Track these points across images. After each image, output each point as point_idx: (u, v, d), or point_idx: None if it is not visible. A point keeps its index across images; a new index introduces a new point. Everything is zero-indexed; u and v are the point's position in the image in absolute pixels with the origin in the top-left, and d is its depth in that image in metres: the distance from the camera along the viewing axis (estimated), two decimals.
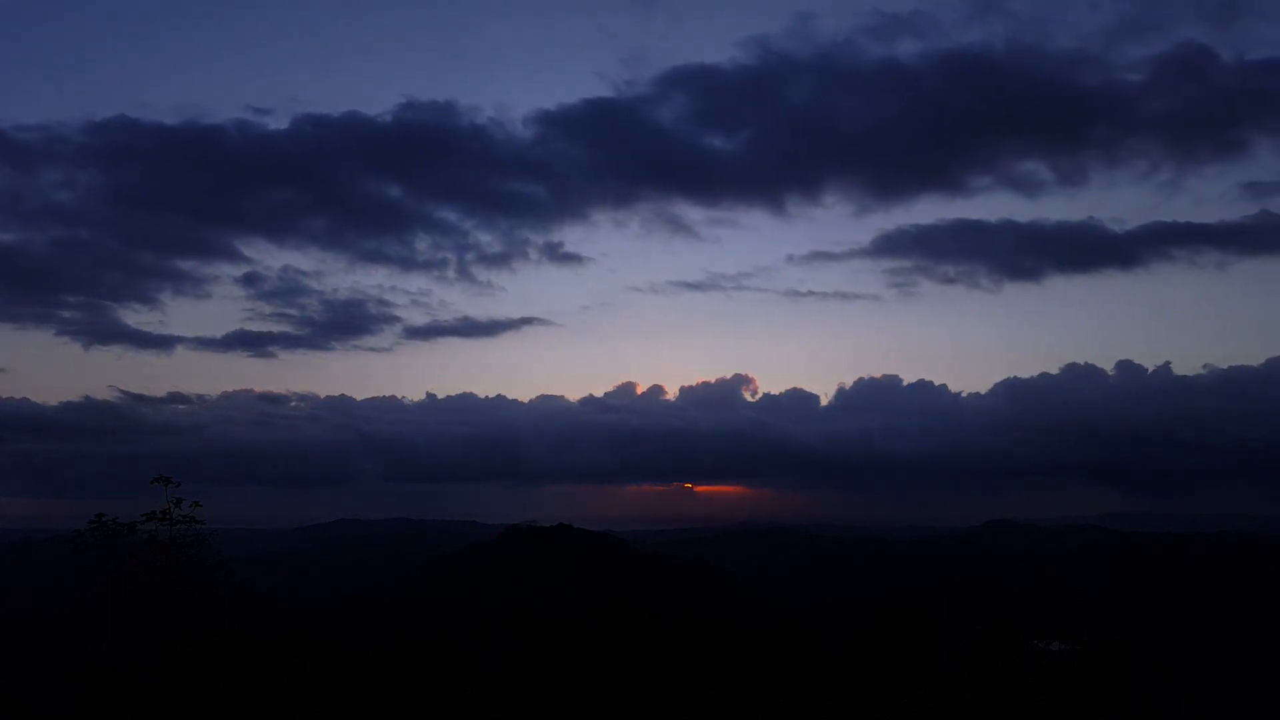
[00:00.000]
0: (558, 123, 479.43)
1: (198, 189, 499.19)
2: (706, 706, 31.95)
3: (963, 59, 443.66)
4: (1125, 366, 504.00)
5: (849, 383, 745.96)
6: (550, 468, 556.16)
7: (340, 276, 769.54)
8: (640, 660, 37.40)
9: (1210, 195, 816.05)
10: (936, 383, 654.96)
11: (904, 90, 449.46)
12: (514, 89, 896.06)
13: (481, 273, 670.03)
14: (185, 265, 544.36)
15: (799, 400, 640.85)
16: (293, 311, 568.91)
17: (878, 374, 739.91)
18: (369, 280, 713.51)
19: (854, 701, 33.33)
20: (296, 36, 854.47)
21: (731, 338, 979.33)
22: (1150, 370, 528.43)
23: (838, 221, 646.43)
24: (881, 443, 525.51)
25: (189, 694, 22.59)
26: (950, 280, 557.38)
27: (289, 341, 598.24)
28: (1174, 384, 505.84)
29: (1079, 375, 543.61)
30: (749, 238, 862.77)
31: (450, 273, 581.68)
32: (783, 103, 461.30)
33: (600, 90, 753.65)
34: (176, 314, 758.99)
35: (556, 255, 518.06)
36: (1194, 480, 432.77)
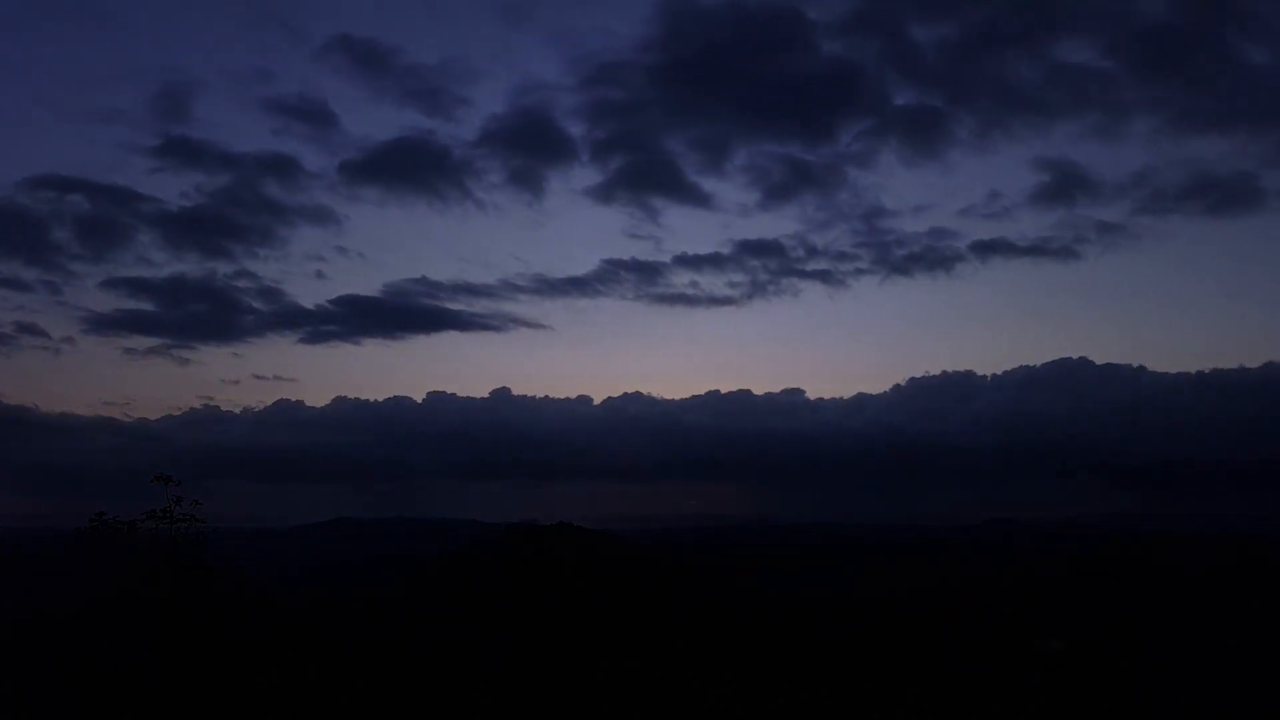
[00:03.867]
0: None
1: None
2: (707, 706, 31.92)
3: None
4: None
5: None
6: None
7: None
8: (640, 660, 37.35)
9: None
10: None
11: None
12: None
13: None
14: None
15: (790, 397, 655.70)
16: None
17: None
18: None
19: (856, 700, 33.32)
20: None
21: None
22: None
23: None
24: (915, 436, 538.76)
25: (188, 693, 22.55)
26: None
27: None
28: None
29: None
30: None
31: None
32: None
33: None
34: None
35: None
36: (1194, 480, 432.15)
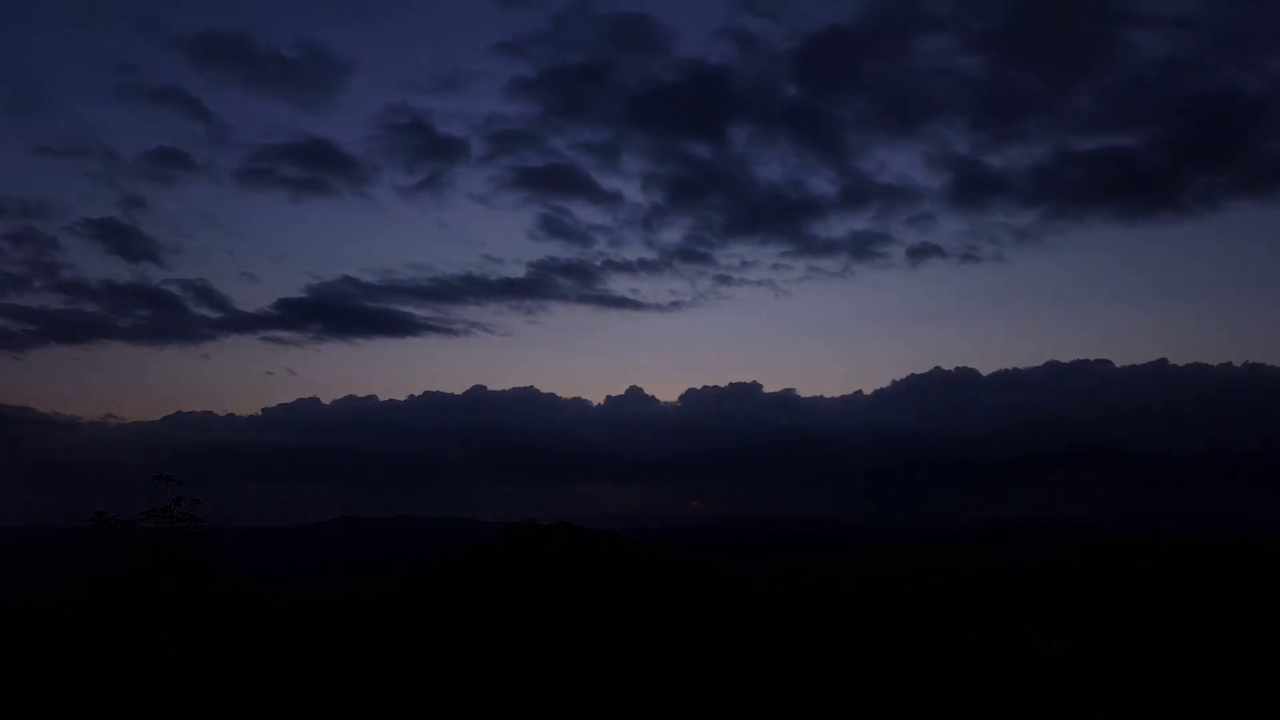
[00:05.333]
0: None
1: None
2: (708, 706, 31.86)
3: None
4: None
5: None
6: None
7: None
8: (641, 659, 37.31)
9: None
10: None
11: None
12: None
13: None
14: None
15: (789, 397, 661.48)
16: None
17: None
18: None
19: (857, 698, 33.26)
20: None
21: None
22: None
23: None
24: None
25: (187, 692, 22.50)
26: None
27: None
28: None
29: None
30: None
31: None
32: None
33: None
34: None
35: None
36: (1194, 479, 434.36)
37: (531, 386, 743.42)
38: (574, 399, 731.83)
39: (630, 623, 58.64)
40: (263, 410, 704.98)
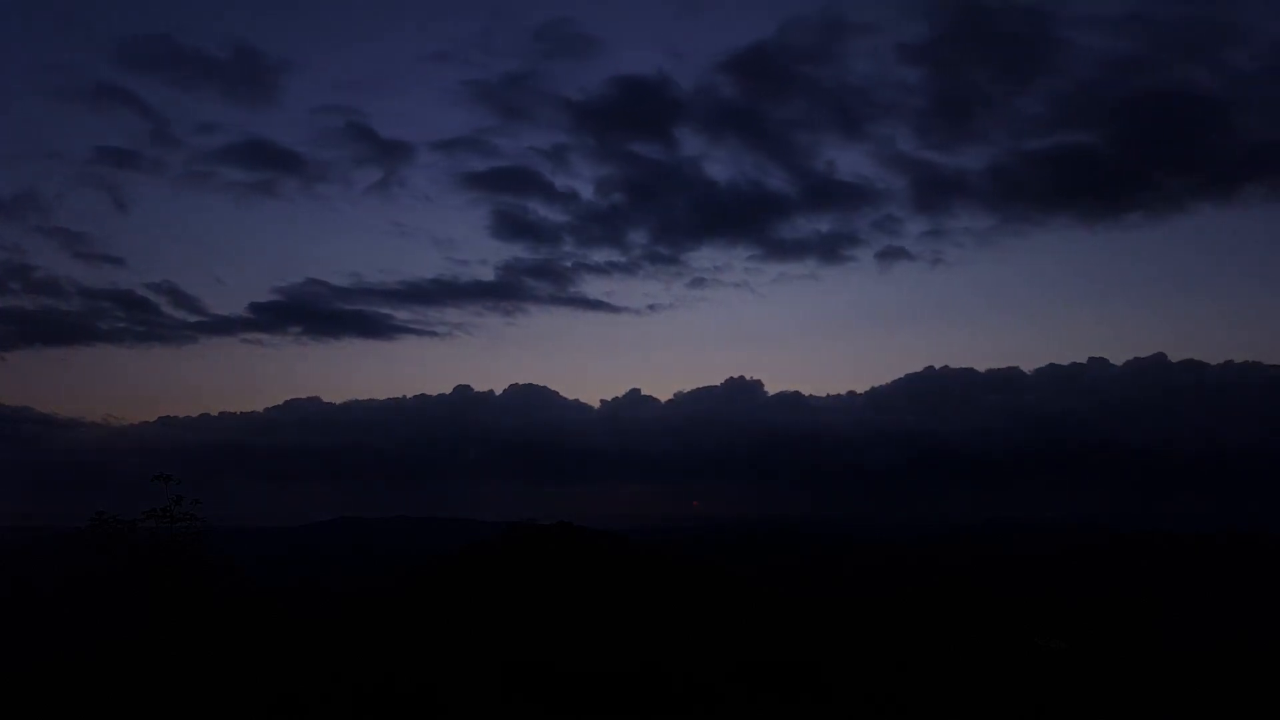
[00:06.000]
0: None
1: None
2: (709, 706, 31.84)
3: None
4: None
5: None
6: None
7: None
8: (640, 660, 37.25)
9: None
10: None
11: None
12: None
13: None
14: None
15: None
16: None
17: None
18: None
19: (858, 698, 33.25)
20: None
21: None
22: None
23: None
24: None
25: (187, 692, 22.50)
26: None
27: None
28: None
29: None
30: None
31: None
32: None
33: None
34: None
35: None
36: (1194, 479, 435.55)
37: (522, 386, 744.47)
38: (570, 399, 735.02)
39: (630, 622, 58.66)
40: (260, 410, 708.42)
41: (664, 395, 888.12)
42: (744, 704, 33.15)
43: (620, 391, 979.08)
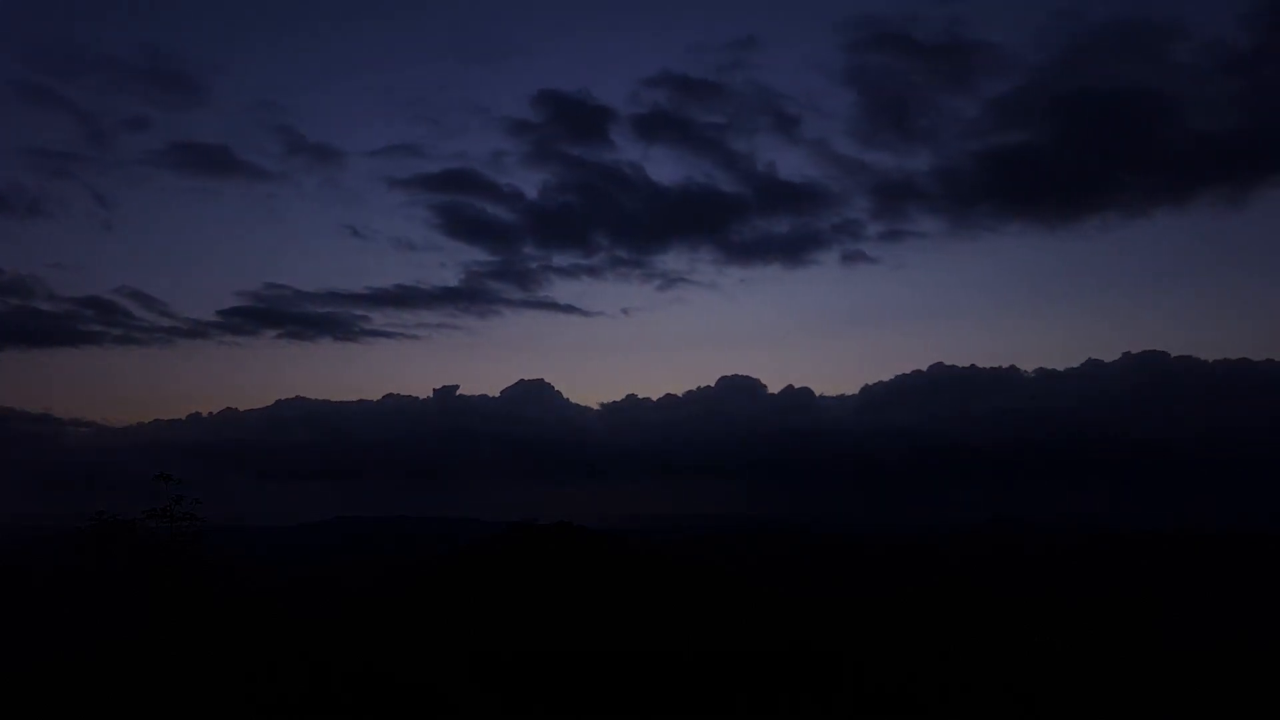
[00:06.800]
0: None
1: None
2: (709, 706, 31.84)
3: None
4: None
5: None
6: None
7: None
8: (640, 660, 37.24)
9: None
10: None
11: None
12: None
13: None
14: None
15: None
16: None
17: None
18: None
19: (858, 699, 33.24)
20: None
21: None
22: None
23: None
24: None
25: (187, 692, 22.49)
26: None
27: None
28: None
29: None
30: None
31: None
32: None
33: None
34: None
35: None
36: (1192, 478, 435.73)
37: (522, 385, 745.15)
38: (566, 400, 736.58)
39: (630, 622, 58.66)
40: (251, 409, 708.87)
41: (655, 396, 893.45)
42: (744, 703, 33.18)
43: (613, 394, 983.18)
